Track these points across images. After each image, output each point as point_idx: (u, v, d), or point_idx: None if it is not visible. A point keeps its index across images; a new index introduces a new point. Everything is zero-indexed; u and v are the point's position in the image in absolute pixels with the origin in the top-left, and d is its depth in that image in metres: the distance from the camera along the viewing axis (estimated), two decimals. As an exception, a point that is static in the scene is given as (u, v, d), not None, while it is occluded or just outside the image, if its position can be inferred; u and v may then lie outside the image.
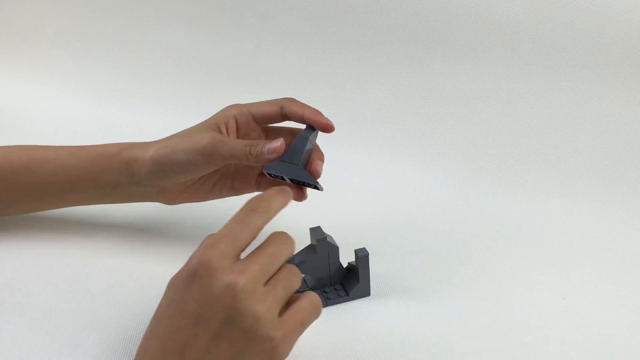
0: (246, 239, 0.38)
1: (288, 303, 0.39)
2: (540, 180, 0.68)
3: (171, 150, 0.51)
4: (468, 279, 0.55)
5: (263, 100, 0.53)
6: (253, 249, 0.39)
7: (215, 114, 0.52)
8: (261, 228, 0.39)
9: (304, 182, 0.49)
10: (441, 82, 0.74)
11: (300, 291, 0.40)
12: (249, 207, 0.40)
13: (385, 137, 0.77)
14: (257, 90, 0.83)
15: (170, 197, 0.55)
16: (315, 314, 0.39)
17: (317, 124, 0.49)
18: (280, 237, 0.40)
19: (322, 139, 0.51)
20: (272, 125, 0.54)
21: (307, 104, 0.51)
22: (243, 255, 0.38)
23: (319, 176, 0.49)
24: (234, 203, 0.66)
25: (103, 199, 0.57)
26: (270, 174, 0.49)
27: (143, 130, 0.88)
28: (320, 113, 0.50)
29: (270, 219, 0.40)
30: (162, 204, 0.57)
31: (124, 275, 0.56)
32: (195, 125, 0.53)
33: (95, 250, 0.60)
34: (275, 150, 0.47)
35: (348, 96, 0.80)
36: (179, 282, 0.37)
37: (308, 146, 0.49)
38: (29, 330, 0.49)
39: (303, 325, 0.38)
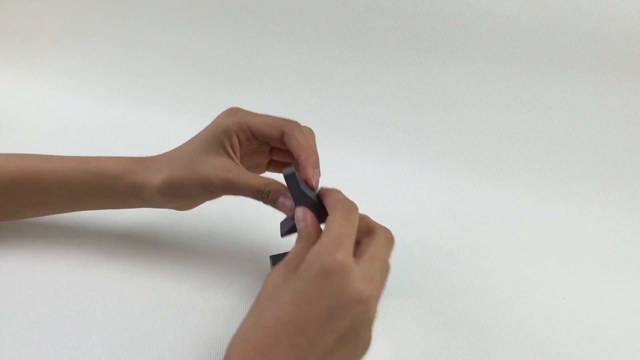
0: (355, 237, 0.41)
1: None
2: (540, 180, 0.68)
3: (179, 184, 0.49)
4: (468, 279, 0.55)
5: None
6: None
7: (216, 126, 0.49)
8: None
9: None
10: (441, 82, 0.74)
11: None
12: (348, 208, 0.42)
13: (385, 137, 0.77)
14: (257, 90, 0.83)
15: (182, 208, 0.56)
16: None
17: (303, 175, 0.45)
18: (391, 244, 0.44)
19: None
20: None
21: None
22: None
23: (316, 187, 0.46)
24: (235, 209, 0.66)
25: (113, 208, 0.57)
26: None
27: (143, 130, 0.88)
28: (315, 162, 0.46)
29: None
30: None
31: (124, 277, 0.56)
32: (197, 141, 0.50)
33: (96, 252, 0.59)
34: (289, 210, 0.45)
35: (348, 96, 0.80)
36: (309, 274, 0.37)
37: (309, 197, 0.45)
38: (28, 332, 0.49)
39: None
